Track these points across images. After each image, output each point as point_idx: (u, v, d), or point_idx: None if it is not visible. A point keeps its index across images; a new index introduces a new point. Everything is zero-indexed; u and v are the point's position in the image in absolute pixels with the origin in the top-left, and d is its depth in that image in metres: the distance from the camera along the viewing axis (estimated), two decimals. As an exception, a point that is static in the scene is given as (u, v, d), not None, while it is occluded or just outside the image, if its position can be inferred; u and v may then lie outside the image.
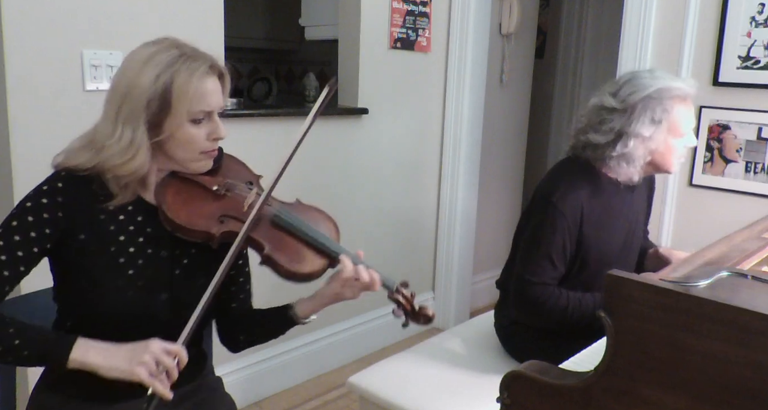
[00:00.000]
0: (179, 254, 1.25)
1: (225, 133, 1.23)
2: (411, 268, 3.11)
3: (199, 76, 1.16)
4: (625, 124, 1.62)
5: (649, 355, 0.84)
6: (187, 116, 1.16)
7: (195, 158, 1.22)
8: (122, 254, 1.19)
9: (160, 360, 1.09)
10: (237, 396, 2.31)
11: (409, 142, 2.95)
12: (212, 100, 1.19)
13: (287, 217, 1.28)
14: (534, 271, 1.66)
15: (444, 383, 1.72)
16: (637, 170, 1.66)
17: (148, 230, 1.22)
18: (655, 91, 1.60)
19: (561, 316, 1.64)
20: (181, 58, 1.16)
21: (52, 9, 1.76)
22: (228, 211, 1.24)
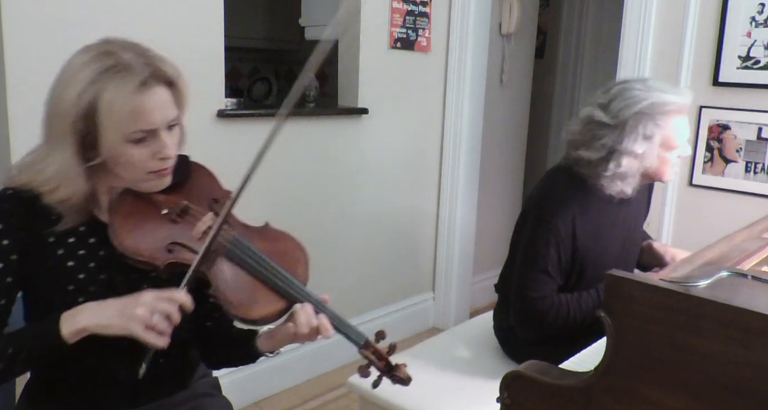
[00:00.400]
0: (137, 279, 1.14)
1: (173, 150, 1.09)
2: (411, 268, 3.11)
3: (128, 93, 1.01)
4: (617, 141, 1.57)
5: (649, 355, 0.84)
6: (123, 137, 1.03)
7: (143, 178, 1.10)
8: (72, 282, 1.10)
9: (156, 308, 1.01)
10: (236, 396, 2.31)
11: (409, 142, 2.95)
12: (152, 117, 1.05)
13: (243, 250, 1.12)
14: (533, 287, 1.64)
15: (444, 383, 1.72)
16: (630, 186, 1.63)
17: (101, 253, 1.12)
18: (647, 107, 1.56)
19: (564, 323, 1.64)
20: (108, 72, 1.01)
21: (52, 9, 1.76)
22: (178, 238, 1.10)
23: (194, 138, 2.10)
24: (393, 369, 1.16)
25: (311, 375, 2.69)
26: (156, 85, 1.06)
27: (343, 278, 2.76)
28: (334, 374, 2.72)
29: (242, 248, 1.13)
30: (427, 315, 3.24)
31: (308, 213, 2.56)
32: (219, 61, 2.16)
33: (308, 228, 2.56)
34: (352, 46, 2.66)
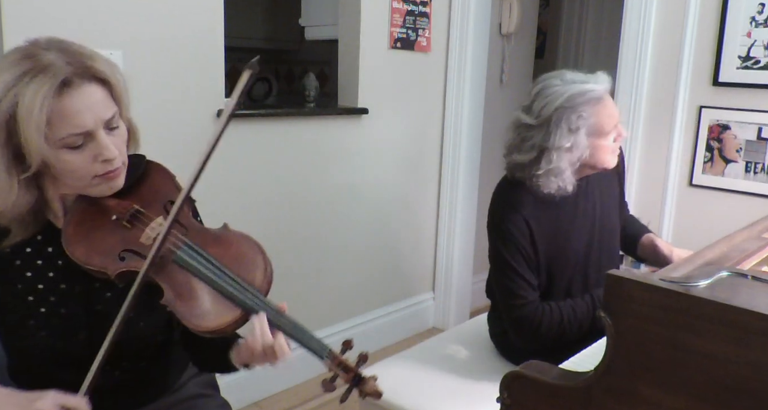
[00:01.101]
0: (99, 288, 1.10)
1: (112, 153, 1.01)
2: (411, 268, 3.11)
3: (47, 96, 0.93)
4: (545, 139, 1.58)
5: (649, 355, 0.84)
6: (52, 143, 0.96)
7: (89, 183, 1.03)
8: (30, 292, 1.06)
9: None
10: (236, 396, 2.31)
11: (409, 142, 2.95)
12: (81, 119, 0.97)
13: (194, 256, 1.05)
14: (514, 295, 1.63)
15: (444, 383, 1.72)
16: (568, 180, 1.62)
17: (59, 262, 1.07)
18: (567, 100, 1.57)
19: (560, 329, 1.62)
20: (26, 76, 0.94)
21: (52, 9, 1.76)
22: (130, 245, 1.05)
23: (194, 138, 2.12)
24: (361, 381, 1.08)
25: (311, 375, 2.69)
26: (82, 83, 0.98)
27: (343, 279, 2.76)
28: (334, 374, 2.72)
29: (193, 255, 1.05)
30: (427, 315, 3.24)
31: (308, 213, 2.56)
32: (219, 61, 2.16)
33: (308, 228, 2.56)
34: (352, 46, 2.66)
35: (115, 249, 1.04)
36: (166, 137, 2.04)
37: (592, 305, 1.65)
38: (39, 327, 1.07)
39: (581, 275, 1.73)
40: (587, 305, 1.65)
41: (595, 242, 1.76)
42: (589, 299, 1.66)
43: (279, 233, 2.43)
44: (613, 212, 1.85)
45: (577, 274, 1.72)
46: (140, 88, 1.96)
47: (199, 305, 1.02)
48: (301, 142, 2.49)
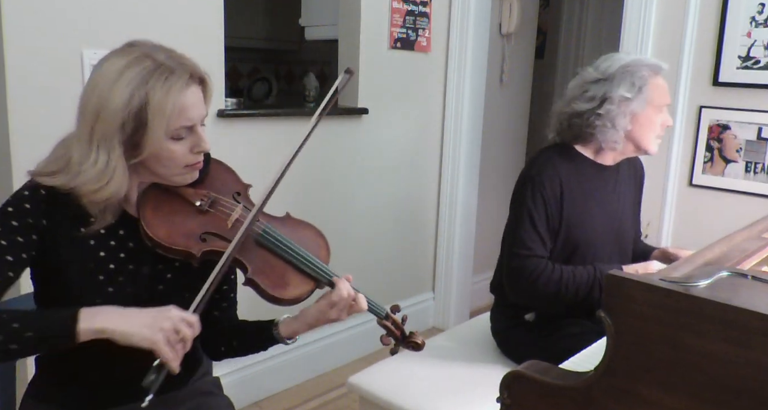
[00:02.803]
0: (162, 270, 1.19)
1: (208, 145, 1.15)
2: (411, 268, 3.11)
3: (177, 92, 1.08)
4: (608, 89, 1.70)
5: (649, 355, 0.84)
6: (167, 134, 1.09)
7: (179, 172, 1.15)
8: (102, 272, 1.14)
9: (179, 328, 1.03)
10: (237, 396, 2.31)
11: (409, 142, 2.95)
12: (193, 113, 1.11)
13: (274, 236, 1.21)
14: (523, 244, 1.68)
15: (444, 383, 1.72)
16: (619, 136, 1.71)
17: (130, 244, 1.16)
18: (632, 61, 1.72)
19: (556, 289, 1.65)
20: (156, 72, 1.07)
21: (52, 9, 1.76)
22: (211, 228, 1.16)
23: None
24: (408, 337, 1.33)
25: (311, 375, 2.69)
26: (193, 83, 1.11)
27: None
28: (334, 374, 2.72)
29: (272, 236, 1.20)
30: (427, 315, 3.24)
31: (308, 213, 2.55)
32: (219, 61, 2.16)
33: (308, 228, 2.56)
34: (352, 46, 2.66)
35: (196, 232, 1.15)
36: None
37: (593, 275, 1.66)
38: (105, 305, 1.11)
39: (592, 259, 1.76)
40: (588, 274, 1.66)
41: (614, 232, 1.80)
42: (591, 269, 1.68)
43: (279, 233, 2.43)
44: (630, 215, 1.89)
45: (589, 255, 1.75)
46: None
47: (279, 278, 1.18)
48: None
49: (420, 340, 1.33)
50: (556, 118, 1.82)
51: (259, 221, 1.21)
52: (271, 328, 1.26)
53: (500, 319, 1.87)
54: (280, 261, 1.20)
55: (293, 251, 1.21)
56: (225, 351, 1.33)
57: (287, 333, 1.26)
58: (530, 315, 1.79)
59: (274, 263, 1.19)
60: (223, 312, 1.34)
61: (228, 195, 1.24)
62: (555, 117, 1.83)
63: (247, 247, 1.17)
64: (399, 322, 1.32)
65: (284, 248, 1.20)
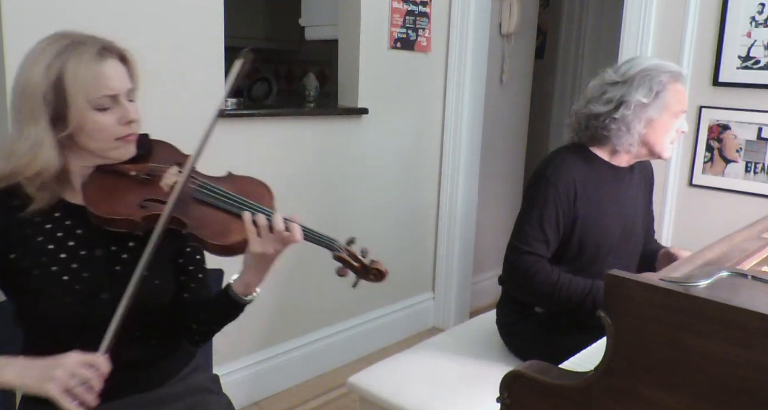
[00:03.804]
0: (117, 251, 1.22)
1: (136, 114, 1.19)
2: (411, 268, 3.11)
3: (88, 60, 1.12)
4: (626, 93, 1.70)
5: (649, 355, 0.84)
6: (89, 103, 1.13)
7: (111, 145, 1.18)
8: (54, 263, 1.17)
9: (75, 373, 1.03)
10: (237, 395, 2.31)
11: (409, 142, 2.95)
12: (112, 83, 1.15)
13: (210, 189, 1.22)
14: (525, 240, 1.69)
15: (444, 383, 1.72)
16: (634, 139, 1.72)
17: (78, 231, 1.20)
18: (653, 66, 1.72)
19: (550, 291, 1.66)
20: (69, 46, 1.13)
21: (52, 9, 1.76)
22: (150, 195, 1.19)
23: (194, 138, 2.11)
24: (368, 265, 1.31)
25: (311, 375, 2.69)
26: (111, 56, 1.16)
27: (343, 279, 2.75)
28: (334, 374, 2.72)
29: (208, 189, 1.22)
30: (427, 315, 3.24)
31: (307, 213, 2.56)
32: (219, 61, 2.16)
33: (308, 228, 2.56)
34: (352, 46, 2.66)
35: (136, 200, 1.18)
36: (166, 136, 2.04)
37: (589, 289, 1.67)
38: (64, 294, 1.17)
39: (603, 260, 1.77)
40: (584, 286, 1.68)
41: (626, 233, 1.82)
42: (589, 282, 1.69)
43: (279, 233, 2.43)
44: (641, 217, 1.90)
45: (601, 255, 1.77)
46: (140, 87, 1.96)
47: (220, 227, 1.18)
48: (301, 142, 2.49)
49: (383, 268, 1.32)
50: (575, 117, 1.82)
51: (196, 179, 1.23)
52: (228, 290, 1.27)
53: (508, 312, 1.88)
54: (220, 212, 1.21)
55: (230, 199, 1.21)
56: (197, 328, 1.33)
57: (241, 289, 1.26)
58: (540, 308, 1.80)
59: (214, 215, 1.20)
60: (194, 293, 1.34)
61: (168, 165, 1.25)
62: (574, 116, 1.83)
63: (185, 205, 1.19)
64: (355, 253, 1.30)
65: (221, 199, 1.21)
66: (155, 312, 1.26)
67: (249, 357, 2.44)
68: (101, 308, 1.17)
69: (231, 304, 1.27)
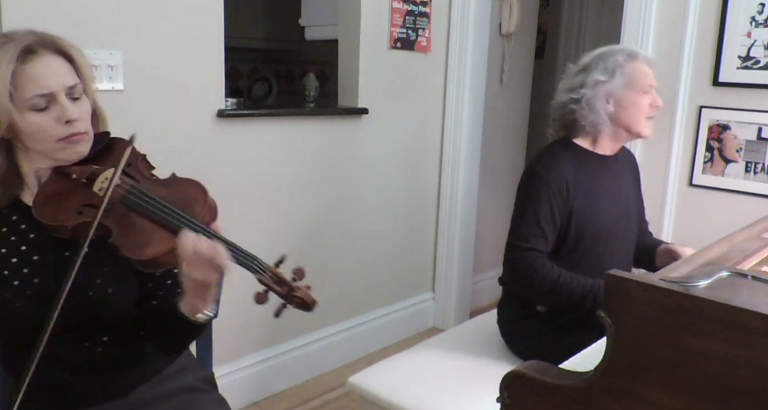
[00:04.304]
0: (70, 256, 1.16)
1: (75, 113, 1.12)
2: (411, 268, 3.11)
3: (12, 59, 1.05)
4: (584, 78, 1.77)
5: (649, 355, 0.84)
6: (19, 104, 1.07)
7: (55, 147, 1.12)
8: (6, 266, 1.14)
9: None
10: (236, 396, 2.31)
11: (409, 142, 2.95)
12: (45, 82, 1.08)
13: (139, 195, 1.13)
14: (524, 237, 1.71)
15: (444, 383, 1.72)
16: (602, 118, 1.75)
17: (31, 236, 1.16)
18: (607, 50, 1.80)
19: (551, 288, 1.67)
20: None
21: (52, 9, 1.76)
22: (88, 200, 1.13)
23: (194, 138, 2.12)
24: (293, 291, 1.09)
25: (311, 375, 2.69)
26: (46, 53, 1.10)
27: (343, 279, 2.76)
28: (334, 374, 2.72)
29: (138, 195, 1.14)
30: (427, 315, 3.24)
31: (307, 213, 2.56)
32: (219, 61, 2.16)
33: (307, 228, 2.56)
34: (352, 46, 2.66)
35: (75, 205, 1.12)
36: (166, 136, 2.04)
37: (590, 287, 1.68)
38: (14, 299, 1.13)
39: (602, 249, 1.79)
40: (585, 284, 1.68)
41: (623, 222, 1.84)
42: (591, 281, 1.69)
43: (278, 232, 2.43)
44: (634, 207, 1.93)
45: (600, 244, 1.78)
46: (140, 88, 1.96)
47: (141, 237, 1.10)
48: (301, 142, 2.49)
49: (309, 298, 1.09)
50: (550, 113, 1.89)
51: (127, 184, 1.15)
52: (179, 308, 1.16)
53: (509, 311, 1.88)
54: (146, 221, 1.12)
55: (158, 207, 1.12)
56: (166, 339, 1.26)
57: (187, 310, 1.15)
58: (542, 307, 1.81)
59: (140, 223, 1.12)
60: (163, 300, 1.26)
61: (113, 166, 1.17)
62: (550, 114, 1.89)
63: (115, 212, 1.12)
64: (282, 276, 1.10)
65: (148, 207, 1.12)
66: (114, 319, 1.21)
67: (249, 357, 2.44)
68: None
69: (184, 324, 1.17)
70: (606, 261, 1.79)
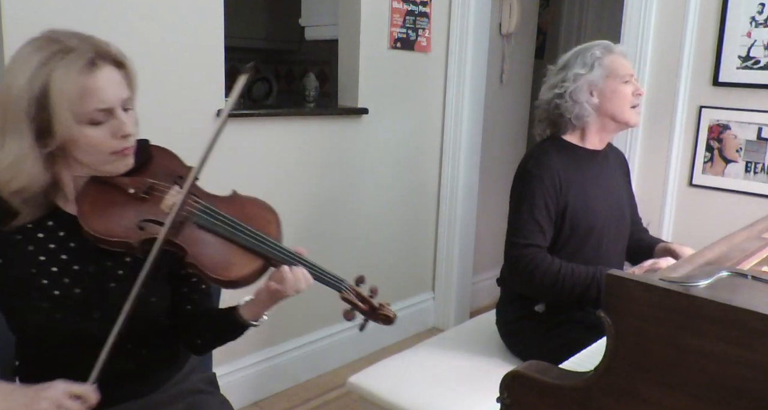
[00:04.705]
0: (111, 266, 1.15)
1: (132, 128, 1.10)
2: (411, 268, 3.11)
3: (77, 73, 1.02)
4: (565, 74, 1.82)
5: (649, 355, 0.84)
6: (78, 118, 1.03)
7: (105, 160, 1.10)
8: (44, 276, 1.10)
9: (61, 405, 1.00)
10: (236, 396, 2.31)
11: (409, 142, 2.95)
12: (106, 95, 1.05)
13: (213, 215, 1.13)
14: (522, 234, 1.71)
15: (444, 383, 1.72)
16: (588, 110, 1.78)
17: (71, 244, 1.13)
18: (584, 46, 1.86)
19: (553, 281, 1.67)
20: (57, 55, 1.02)
21: (52, 9, 1.76)
22: (148, 215, 1.11)
23: (194, 138, 2.12)
24: (376, 309, 1.22)
25: (311, 375, 2.69)
26: (104, 64, 1.07)
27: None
28: (334, 374, 2.72)
29: (211, 215, 1.13)
30: (427, 315, 3.24)
31: (308, 213, 2.56)
32: (219, 61, 2.16)
33: (308, 228, 2.56)
34: (352, 46, 2.66)
35: (134, 220, 1.10)
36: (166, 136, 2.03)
37: (593, 275, 1.68)
38: (54, 309, 1.11)
39: (597, 243, 1.80)
40: (587, 273, 1.68)
41: (615, 215, 1.85)
42: (593, 269, 1.69)
43: (279, 233, 2.43)
44: (626, 202, 1.94)
45: (594, 237, 1.79)
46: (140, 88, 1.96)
47: (222, 259, 1.11)
48: (301, 142, 2.49)
49: (391, 313, 1.24)
50: (537, 113, 1.91)
51: (198, 201, 1.14)
52: (235, 313, 1.22)
53: (507, 312, 1.88)
54: (223, 241, 1.12)
55: (235, 228, 1.13)
56: (201, 343, 1.29)
57: (250, 316, 1.21)
58: (540, 307, 1.81)
59: (216, 243, 1.12)
60: (196, 305, 1.29)
61: (167, 180, 1.17)
62: (536, 115, 1.93)
63: (185, 230, 1.11)
64: (364, 295, 1.23)
65: (224, 227, 1.13)
66: (148, 327, 1.21)
67: (249, 357, 2.44)
68: (92, 326, 1.13)
69: (237, 326, 1.23)
70: (601, 255, 1.79)
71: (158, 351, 1.27)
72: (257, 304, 1.21)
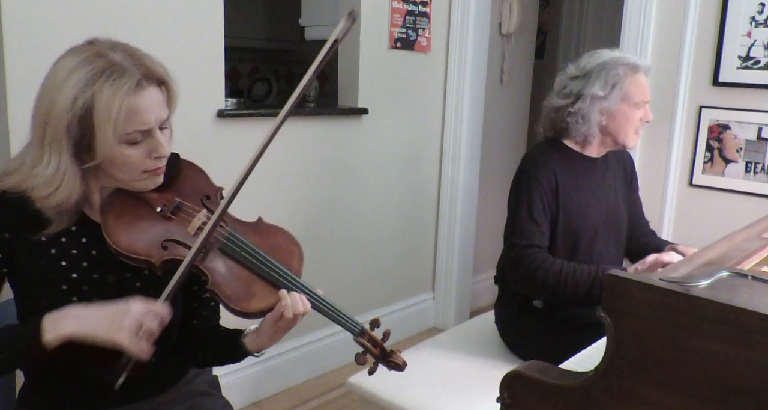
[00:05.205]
0: (130, 278, 1.16)
1: (166, 150, 1.10)
2: (411, 268, 3.11)
3: (124, 94, 1.01)
4: (583, 86, 1.77)
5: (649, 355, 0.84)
6: (118, 138, 1.03)
7: (137, 177, 1.10)
8: (65, 281, 1.11)
9: (142, 322, 1.02)
10: (236, 396, 2.31)
11: (409, 142, 2.95)
12: (147, 117, 1.05)
13: (239, 243, 1.13)
14: (521, 234, 1.72)
15: (444, 383, 1.72)
16: (593, 130, 1.77)
17: (93, 252, 1.13)
18: (611, 59, 1.77)
19: (555, 282, 1.67)
20: (103, 75, 1.01)
21: (52, 8, 1.76)
22: (173, 235, 1.11)
23: (194, 138, 2.12)
24: (388, 355, 1.22)
25: (311, 375, 2.69)
26: (149, 85, 1.06)
27: (343, 279, 2.76)
28: (334, 374, 2.72)
29: (237, 243, 1.13)
30: (427, 315, 3.24)
31: (308, 213, 2.56)
32: (219, 61, 2.16)
33: (308, 228, 2.56)
34: (352, 46, 2.66)
35: (157, 239, 1.10)
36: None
37: (595, 274, 1.68)
38: None
39: (590, 248, 1.80)
40: (589, 271, 1.68)
41: (609, 222, 1.85)
42: (594, 268, 1.69)
43: (279, 233, 2.43)
44: (623, 206, 1.94)
45: (586, 242, 1.80)
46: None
47: (244, 289, 1.10)
48: (301, 142, 2.49)
49: (401, 361, 1.22)
50: (543, 112, 1.90)
51: (224, 227, 1.14)
52: (239, 340, 1.22)
53: (506, 309, 1.89)
54: (246, 271, 1.12)
55: (259, 259, 1.13)
56: (202, 359, 1.30)
57: (253, 347, 1.21)
58: (539, 302, 1.81)
59: (239, 272, 1.12)
60: (203, 321, 1.30)
61: (195, 199, 1.18)
62: (543, 111, 1.91)
63: (210, 255, 1.11)
64: (377, 339, 1.22)
65: (249, 257, 1.12)
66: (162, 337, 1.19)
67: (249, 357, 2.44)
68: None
69: (239, 352, 1.22)
70: (593, 260, 1.79)
71: (168, 359, 1.27)
72: (261, 338, 1.19)
